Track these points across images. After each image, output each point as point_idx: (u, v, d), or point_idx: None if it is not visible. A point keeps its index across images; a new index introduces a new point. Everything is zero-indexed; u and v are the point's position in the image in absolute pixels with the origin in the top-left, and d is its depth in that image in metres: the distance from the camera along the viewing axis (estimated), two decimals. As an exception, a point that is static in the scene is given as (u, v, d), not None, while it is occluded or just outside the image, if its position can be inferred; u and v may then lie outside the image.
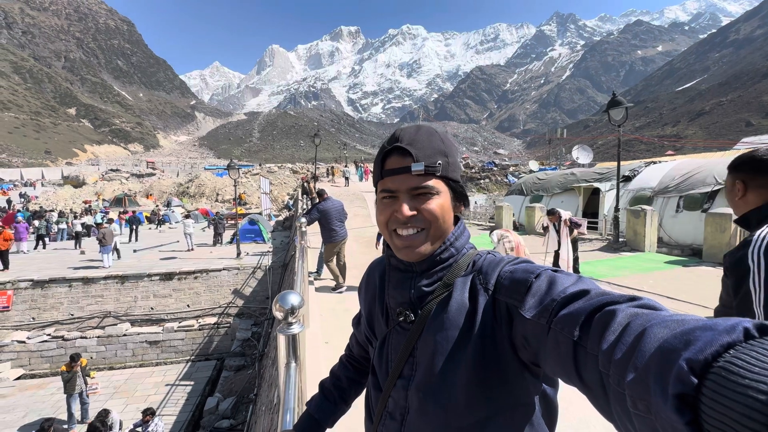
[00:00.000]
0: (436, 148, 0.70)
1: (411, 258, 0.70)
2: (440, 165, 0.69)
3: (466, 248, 0.74)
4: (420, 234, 0.69)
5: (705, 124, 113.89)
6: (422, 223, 0.69)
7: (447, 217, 0.71)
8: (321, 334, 4.23)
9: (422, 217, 0.69)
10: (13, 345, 10.43)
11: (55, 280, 11.39)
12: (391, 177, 0.70)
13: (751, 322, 0.31)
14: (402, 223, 0.69)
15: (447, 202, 0.71)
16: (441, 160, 0.69)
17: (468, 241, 0.75)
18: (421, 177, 0.68)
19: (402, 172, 0.69)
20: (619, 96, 9.12)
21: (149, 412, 6.86)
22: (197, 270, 12.31)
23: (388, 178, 0.70)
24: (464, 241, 0.74)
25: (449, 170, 0.70)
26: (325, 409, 0.92)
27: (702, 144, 75.83)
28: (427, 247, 0.70)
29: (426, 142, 0.70)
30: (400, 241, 0.70)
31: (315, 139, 18.53)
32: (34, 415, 8.31)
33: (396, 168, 0.69)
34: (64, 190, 37.69)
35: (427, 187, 0.68)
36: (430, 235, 0.69)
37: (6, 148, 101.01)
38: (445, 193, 0.70)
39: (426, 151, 0.69)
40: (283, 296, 1.30)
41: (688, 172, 10.31)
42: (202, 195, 35.38)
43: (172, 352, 11.26)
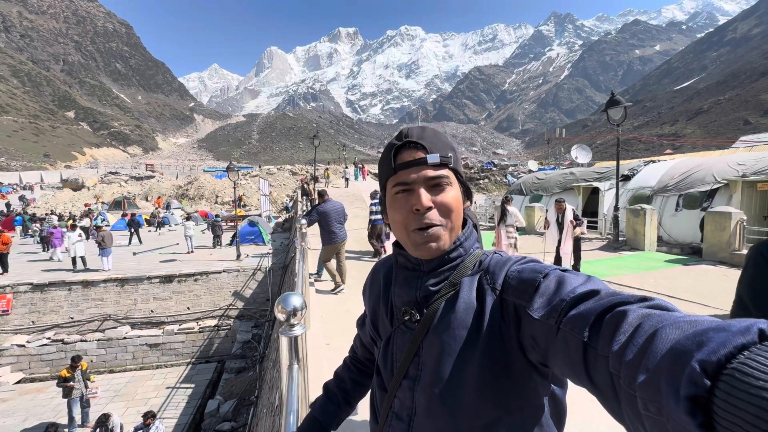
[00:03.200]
0: (445, 143, 0.72)
1: (431, 254, 0.69)
2: (451, 157, 0.71)
3: (473, 248, 0.74)
4: (438, 227, 0.69)
5: (703, 122, 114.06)
6: (440, 216, 0.69)
7: (460, 210, 0.71)
8: (322, 336, 4.22)
9: (440, 208, 0.69)
10: (12, 349, 10.41)
11: (54, 284, 11.36)
12: (406, 170, 0.70)
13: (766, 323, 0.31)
14: (421, 216, 0.68)
15: (459, 194, 0.72)
16: (451, 153, 0.71)
17: (475, 242, 0.75)
18: (437, 168, 0.69)
19: (418, 163, 0.69)
20: (617, 95, 9.14)
21: (150, 416, 6.84)
22: (197, 272, 12.29)
23: (402, 171, 0.70)
24: (472, 242, 0.74)
25: (458, 164, 0.73)
26: (328, 412, 0.92)
27: (700, 143, 75.93)
28: (447, 242, 0.69)
29: (435, 137, 0.72)
30: (420, 238, 0.68)
31: (314, 141, 18.55)
32: (34, 420, 8.28)
33: (411, 160, 0.69)
34: (63, 194, 37.62)
35: (444, 177, 0.69)
36: (448, 228, 0.69)
37: (5, 152, 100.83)
38: (457, 186, 0.72)
39: (437, 145, 0.71)
40: (285, 298, 1.29)
41: (687, 171, 10.33)
42: (201, 197, 35.33)
43: (172, 354, 11.24)
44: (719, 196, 9.22)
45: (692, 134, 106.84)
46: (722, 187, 9.25)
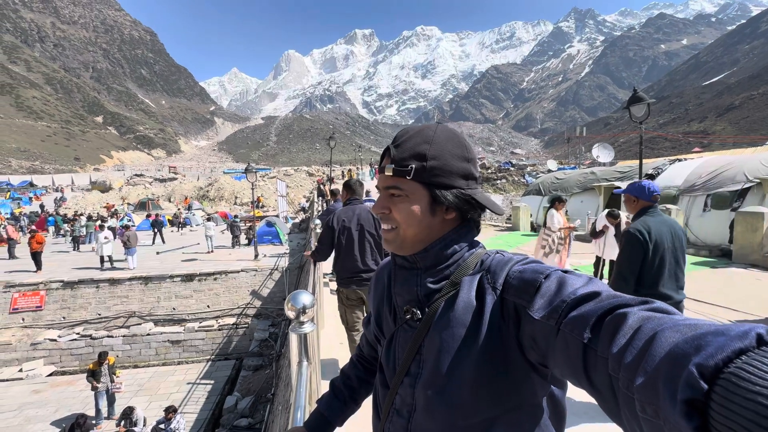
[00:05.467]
0: (414, 151, 0.70)
1: (389, 249, 0.75)
2: (412, 168, 0.69)
3: (475, 247, 0.74)
4: (391, 231, 0.73)
5: (734, 119, 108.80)
6: (393, 222, 0.72)
7: (419, 220, 0.70)
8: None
9: (392, 216, 0.72)
10: (45, 343, 10.93)
11: (83, 281, 11.88)
12: (380, 174, 0.75)
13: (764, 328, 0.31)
14: (378, 218, 0.75)
15: (420, 206, 0.70)
16: (415, 164, 0.69)
17: (474, 240, 0.75)
18: (394, 178, 0.71)
19: (382, 171, 0.73)
20: (640, 92, 8.84)
21: (171, 410, 7.06)
22: (216, 271, 12.61)
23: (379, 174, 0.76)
24: (470, 240, 0.74)
25: (425, 175, 0.69)
26: (335, 408, 0.93)
27: (732, 140, 72.47)
28: (400, 244, 0.73)
29: (410, 143, 0.71)
30: (384, 234, 0.76)
31: (330, 142, 18.71)
32: (65, 411, 8.67)
33: (380, 167, 0.74)
34: (92, 195, 39.29)
35: (397, 188, 0.71)
36: (400, 235, 0.72)
37: (39, 156, 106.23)
38: (420, 197, 0.70)
39: (403, 154, 0.70)
40: (295, 296, 1.32)
41: (717, 170, 9.88)
42: (221, 198, 36.23)
43: (193, 351, 11.56)
44: (751, 195, 8.78)
45: (722, 131, 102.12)
46: (754, 186, 8.80)
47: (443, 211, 0.72)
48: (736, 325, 0.32)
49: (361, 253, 2.96)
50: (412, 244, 0.73)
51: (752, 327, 0.31)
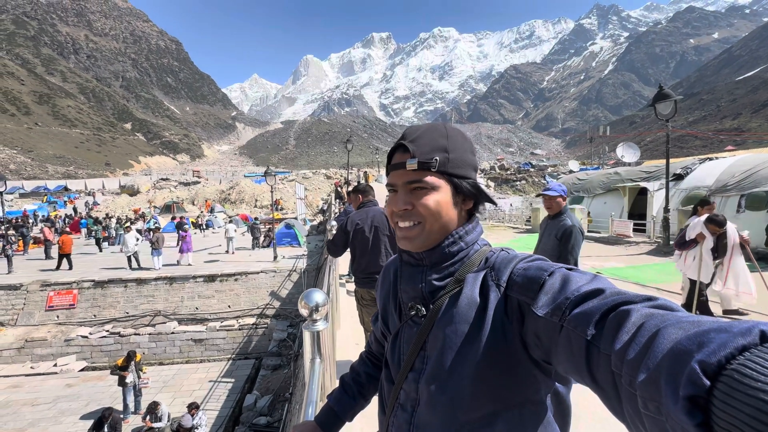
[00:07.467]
0: (435, 145, 0.71)
1: (408, 248, 0.73)
2: (437, 161, 0.70)
3: (479, 244, 0.74)
4: (415, 227, 0.72)
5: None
6: (417, 217, 0.71)
7: (445, 212, 0.72)
8: (352, 336, 4.29)
9: (417, 211, 0.71)
10: (78, 339, 11.48)
11: (113, 281, 12.42)
12: (393, 172, 0.74)
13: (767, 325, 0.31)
14: (399, 215, 0.73)
15: (445, 197, 0.72)
16: (439, 156, 0.70)
17: (480, 237, 0.76)
18: (418, 172, 0.71)
19: (400, 167, 0.72)
20: (666, 89, 8.51)
21: (194, 407, 7.27)
22: (237, 272, 12.92)
23: (391, 173, 0.75)
24: (476, 237, 0.74)
25: (449, 166, 0.71)
26: (344, 403, 0.94)
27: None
28: (424, 240, 0.72)
29: (427, 138, 0.72)
30: (399, 232, 0.74)
31: (347, 145, 18.89)
32: (95, 405, 9.06)
33: (396, 163, 0.74)
34: (121, 199, 41.04)
35: (422, 182, 0.71)
36: (426, 229, 0.71)
37: (73, 161, 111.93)
38: (445, 189, 0.72)
39: (423, 148, 0.71)
40: (308, 294, 1.34)
41: (752, 168, 9.37)
42: (242, 201, 37.13)
43: (214, 350, 11.86)
44: (790, 195, 8.29)
45: (758, 128, 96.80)
46: (793, 185, 8.31)
47: (461, 203, 0.74)
48: (739, 322, 0.32)
49: (376, 254, 2.99)
50: (436, 238, 0.72)
51: (755, 324, 0.31)
